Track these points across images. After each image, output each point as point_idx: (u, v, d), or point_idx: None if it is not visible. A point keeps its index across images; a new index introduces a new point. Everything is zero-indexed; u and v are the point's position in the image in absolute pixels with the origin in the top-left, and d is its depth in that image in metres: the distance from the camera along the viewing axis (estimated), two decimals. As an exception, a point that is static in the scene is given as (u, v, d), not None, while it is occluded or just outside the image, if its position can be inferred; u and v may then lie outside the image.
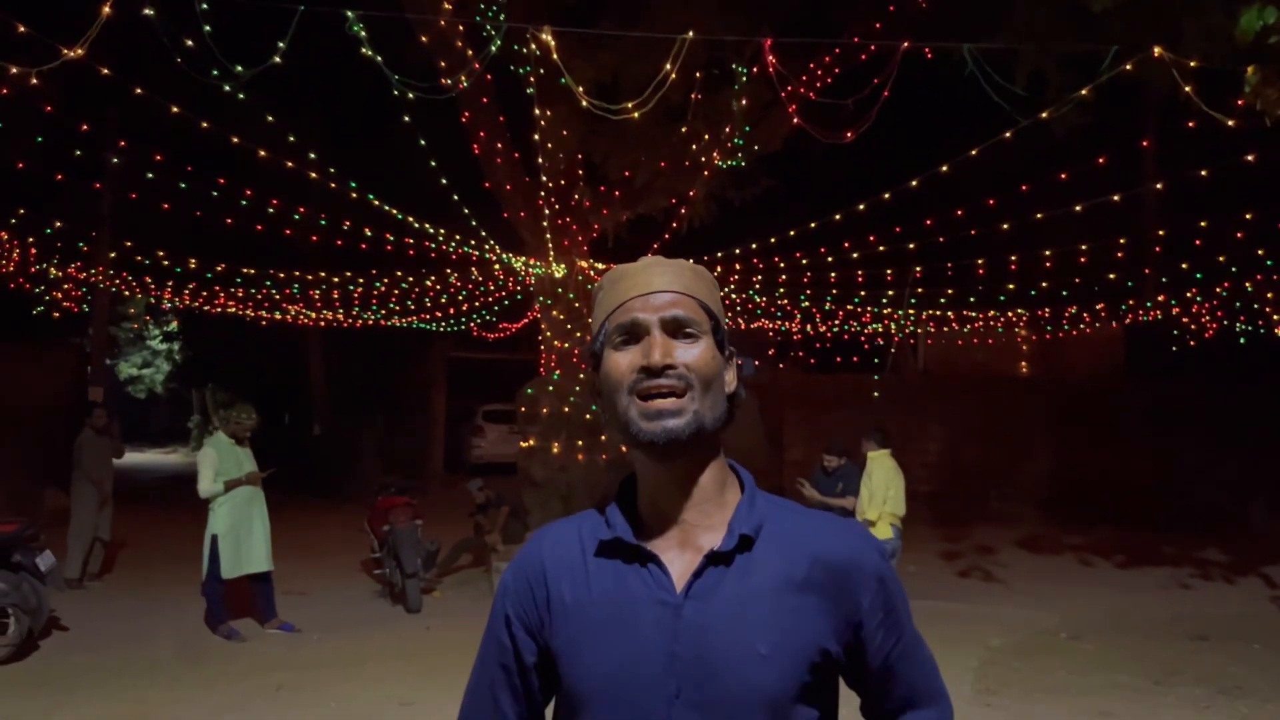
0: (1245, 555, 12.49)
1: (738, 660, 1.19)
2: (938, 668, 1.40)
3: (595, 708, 1.21)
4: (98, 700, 6.00)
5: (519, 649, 1.31)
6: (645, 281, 1.29)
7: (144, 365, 39.30)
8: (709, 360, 1.27)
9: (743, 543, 1.24)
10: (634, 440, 1.25)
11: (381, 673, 6.82)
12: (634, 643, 1.21)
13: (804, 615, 1.23)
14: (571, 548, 1.30)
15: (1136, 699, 6.50)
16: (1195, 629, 8.80)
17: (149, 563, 11.29)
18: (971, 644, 8.00)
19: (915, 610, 1.45)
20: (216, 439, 7.89)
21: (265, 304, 14.29)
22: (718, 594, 1.22)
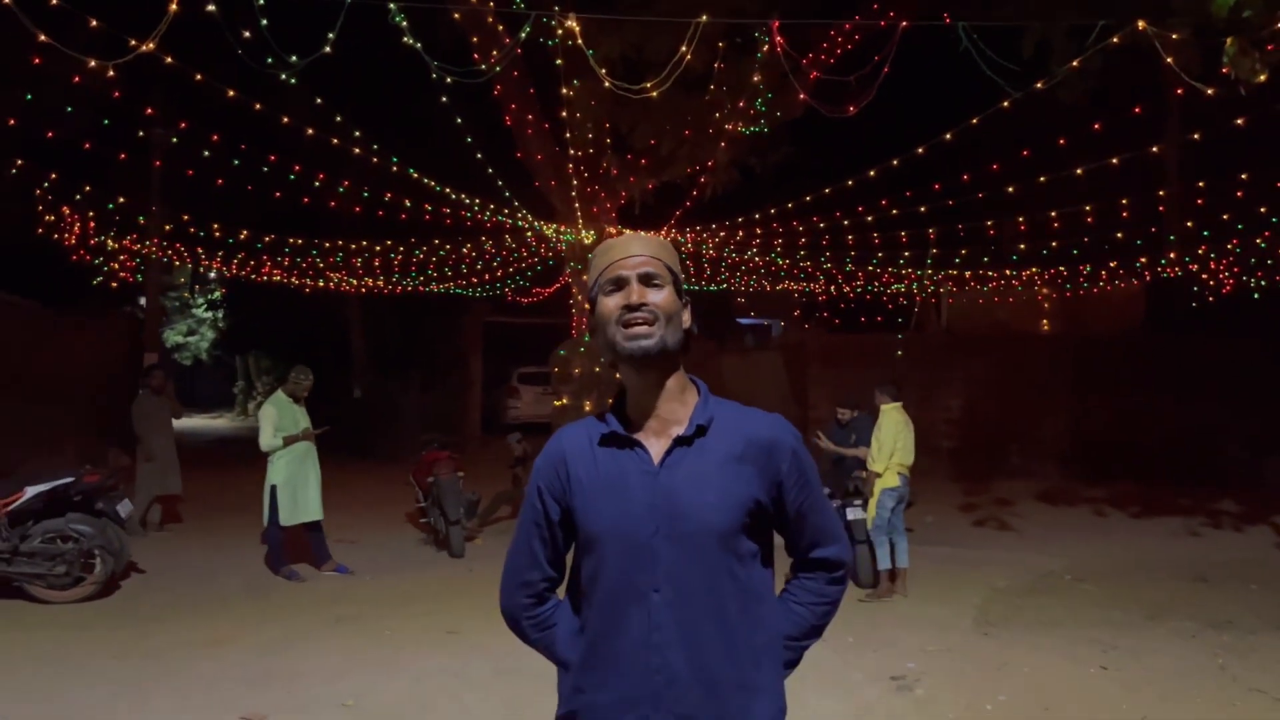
0: (1258, 506, 12.76)
1: (696, 507, 1.75)
2: (839, 521, 1.95)
3: (603, 543, 1.78)
4: (178, 629, 6.71)
5: (548, 510, 1.88)
6: (625, 248, 1.87)
7: (189, 333, 40.39)
8: (670, 301, 1.83)
9: (699, 430, 1.81)
10: (619, 356, 1.81)
11: (429, 607, 7.48)
12: (627, 500, 1.77)
13: (741, 477, 1.79)
14: (582, 441, 1.88)
15: (1128, 631, 6.92)
16: (1196, 572, 9.17)
17: (209, 515, 12.08)
18: (977, 584, 8.49)
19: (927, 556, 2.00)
20: (276, 397, 8.56)
21: (310, 272, 14.95)
22: (682, 465, 1.79)
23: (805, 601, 1.92)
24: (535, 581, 1.93)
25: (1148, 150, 9.06)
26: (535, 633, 1.95)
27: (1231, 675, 5.77)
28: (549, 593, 1.95)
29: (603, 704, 1.75)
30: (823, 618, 1.93)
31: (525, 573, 1.93)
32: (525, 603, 1.94)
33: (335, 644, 6.39)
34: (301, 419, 8.57)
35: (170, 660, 5.94)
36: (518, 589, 1.94)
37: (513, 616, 1.98)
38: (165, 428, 10.67)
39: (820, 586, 1.92)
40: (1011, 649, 6.36)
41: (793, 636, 1.88)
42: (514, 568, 1.96)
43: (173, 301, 35.62)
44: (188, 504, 12.31)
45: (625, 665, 1.73)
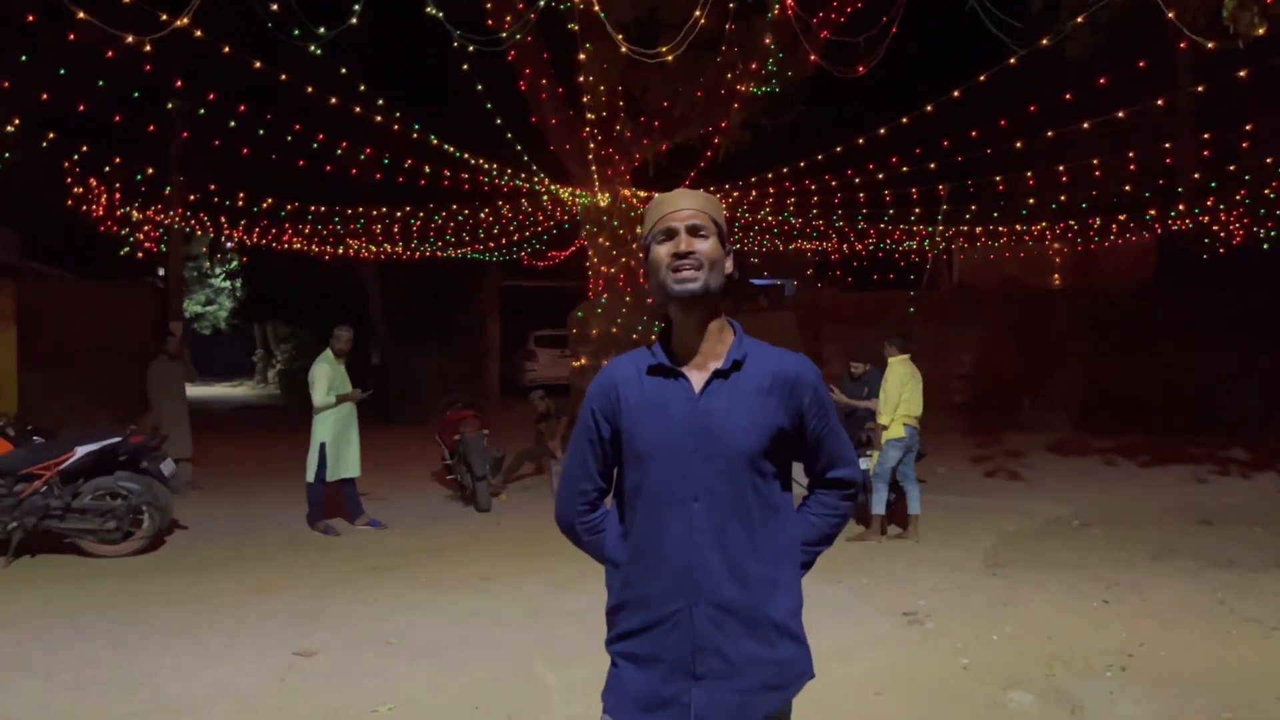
0: (1266, 454, 12.96)
1: (729, 431, 2.02)
2: (851, 446, 2.22)
3: (648, 459, 2.06)
4: (225, 578, 7.08)
5: (599, 429, 2.16)
6: (676, 203, 2.13)
7: (208, 303, 40.89)
8: (714, 250, 2.09)
9: (734, 365, 2.08)
10: (669, 297, 2.08)
11: (461, 557, 7.83)
12: (670, 422, 2.05)
13: (768, 407, 2.06)
14: (631, 371, 2.15)
15: (1131, 569, 7.19)
16: (1202, 516, 9.42)
17: (240, 476, 12.49)
18: (987, 530, 8.78)
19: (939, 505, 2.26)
20: (326, 355, 8.88)
21: (330, 239, 15.22)
22: (719, 394, 2.06)
23: (820, 514, 2.21)
24: (588, 491, 2.21)
25: (1156, 103, 9.17)
26: (587, 536, 2.24)
27: (1229, 608, 6.04)
28: (599, 501, 2.24)
29: (649, 595, 2.03)
30: (834, 528, 2.22)
31: (579, 483, 2.21)
32: (580, 510, 2.23)
33: (375, 590, 6.74)
34: (346, 379, 8.96)
35: (221, 605, 6.30)
36: (573, 498, 2.23)
37: (567, 522, 2.26)
38: (179, 393, 10.97)
39: (834, 502, 2.21)
40: (1018, 587, 6.65)
41: (809, 543, 2.17)
42: (569, 479, 2.24)
43: (191, 271, 36.01)
44: (218, 465, 12.72)
45: (669, 563, 2.00)
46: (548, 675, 4.88)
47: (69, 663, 5.08)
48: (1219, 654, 5.15)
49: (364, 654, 5.23)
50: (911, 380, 8.47)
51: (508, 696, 4.59)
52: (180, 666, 5.05)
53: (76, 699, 4.56)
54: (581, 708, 4.37)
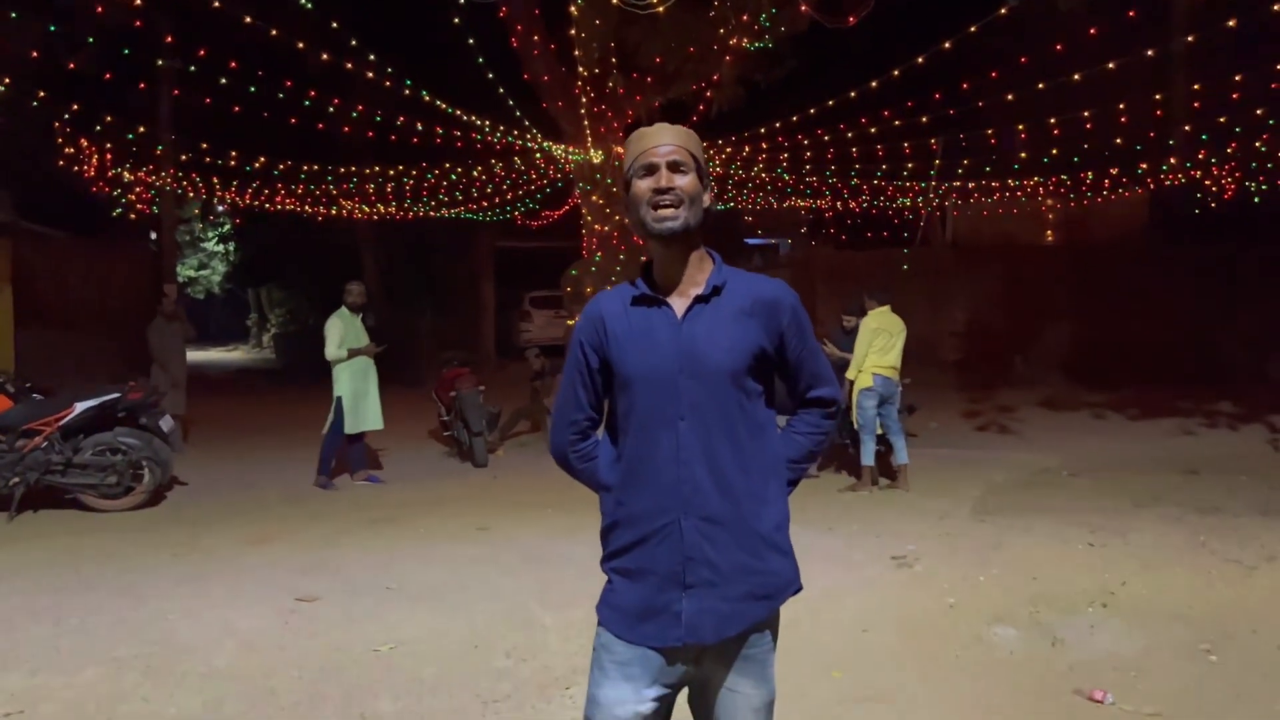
0: (1255, 406, 13.10)
1: (712, 350, 2.11)
2: (830, 366, 2.31)
3: (636, 383, 2.14)
4: (227, 530, 7.19)
5: (587, 359, 2.24)
6: (657, 137, 2.19)
7: (200, 267, 40.76)
8: (694, 185, 2.16)
9: (714, 291, 2.16)
10: (649, 233, 2.16)
11: (459, 509, 7.95)
12: (656, 346, 2.13)
13: (749, 328, 2.14)
14: (617, 303, 2.23)
15: (1116, 516, 7.29)
16: (1188, 466, 9.56)
17: (237, 436, 12.60)
18: (976, 480, 8.91)
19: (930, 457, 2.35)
20: (340, 311, 8.94)
21: (323, 200, 15.19)
22: (701, 318, 2.14)
23: (804, 431, 2.30)
24: (579, 420, 2.29)
25: (1147, 54, 9.17)
26: (580, 464, 2.32)
27: (1210, 550, 6.18)
28: (591, 430, 2.32)
29: (641, 511, 2.12)
30: (817, 445, 2.31)
31: (571, 413, 2.30)
32: (572, 439, 2.31)
33: (374, 540, 6.86)
34: (361, 333, 8.99)
35: (223, 556, 6.41)
36: (565, 428, 2.31)
37: (561, 452, 2.34)
38: (178, 352, 11.05)
39: (816, 420, 2.30)
40: (1005, 533, 6.79)
41: (793, 459, 2.26)
42: (561, 410, 2.33)
43: (183, 235, 35.85)
44: (215, 425, 12.82)
45: (658, 479, 2.10)
46: (545, 617, 5.00)
47: (77, 609, 5.19)
48: (1198, 591, 5.29)
49: (364, 599, 5.35)
50: (884, 333, 8.53)
51: (506, 636, 4.71)
52: (186, 611, 5.16)
53: (86, 641, 4.68)
54: (578, 645, 4.49)
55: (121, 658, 4.45)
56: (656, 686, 2.09)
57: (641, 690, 2.07)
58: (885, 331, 8.49)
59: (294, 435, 11.88)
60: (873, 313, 8.60)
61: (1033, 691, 3.96)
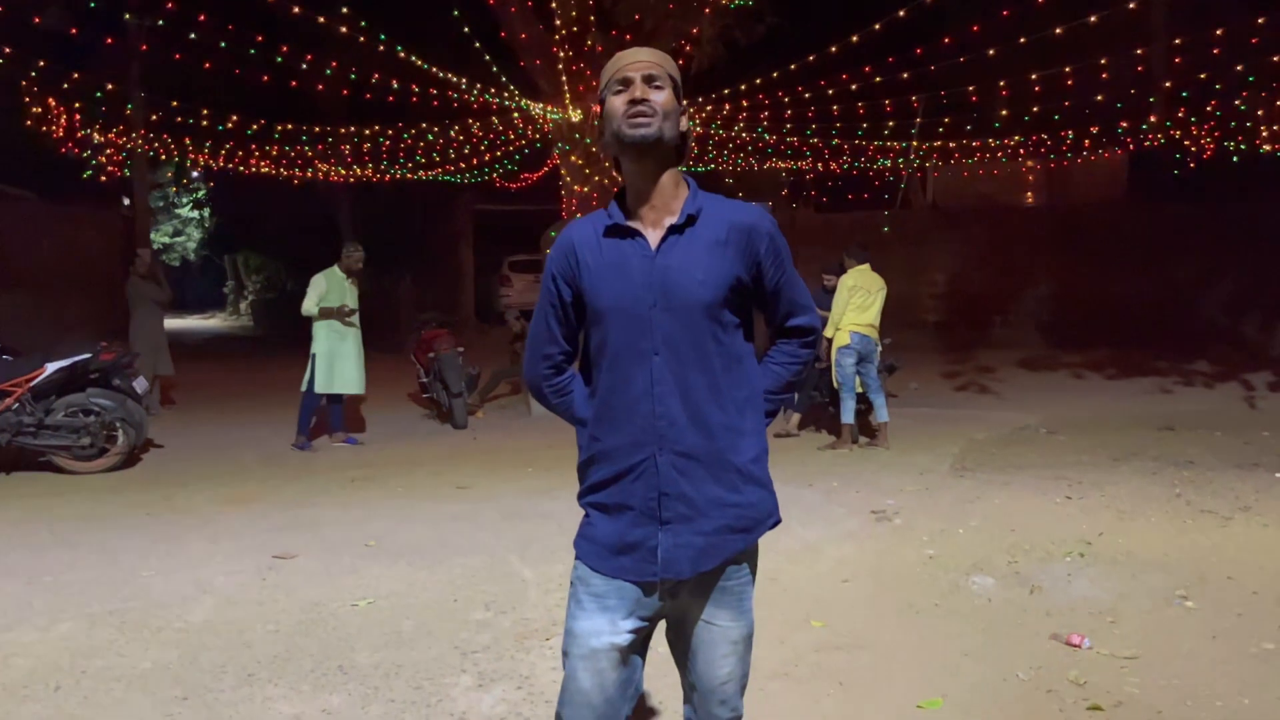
0: (1232, 366, 13.25)
1: (686, 283, 2.05)
2: (809, 294, 2.26)
3: (609, 317, 2.08)
4: (204, 491, 7.12)
5: (560, 292, 2.19)
6: (634, 55, 2.13)
7: (175, 234, 40.21)
8: (669, 99, 2.10)
9: (689, 220, 2.10)
10: (622, 144, 2.08)
11: (438, 468, 7.91)
12: (628, 279, 2.07)
13: (725, 258, 2.08)
14: (589, 232, 2.16)
15: (1094, 470, 7.38)
16: (1164, 422, 9.65)
17: (214, 400, 12.48)
18: (956, 438, 8.96)
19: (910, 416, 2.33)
20: (330, 270, 8.86)
21: (298, 162, 14.97)
22: (675, 249, 2.08)
23: (781, 361, 2.26)
24: (554, 354, 2.24)
25: (1129, 6, 9.10)
26: (555, 398, 2.28)
27: (1186, 500, 6.24)
28: (565, 364, 2.27)
29: (616, 446, 2.07)
30: (795, 375, 2.27)
31: (544, 347, 2.25)
32: (546, 373, 2.26)
33: (353, 498, 6.82)
34: (350, 296, 8.87)
35: (200, 515, 6.35)
36: (539, 361, 2.26)
37: (535, 385, 2.30)
38: (156, 310, 10.91)
39: (794, 349, 2.26)
40: (984, 487, 6.82)
41: (771, 390, 2.22)
42: (534, 343, 2.28)
43: (157, 201, 35.33)
44: (192, 390, 12.69)
45: (633, 414, 2.05)
46: (524, 570, 4.98)
47: (51, 566, 5.13)
48: (1174, 540, 5.33)
49: (343, 555, 5.32)
50: (861, 290, 8.51)
51: (485, 589, 4.69)
52: (162, 569, 5.11)
53: (59, 598, 4.62)
54: (558, 598, 4.47)
55: (95, 613, 4.40)
56: (633, 619, 2.06)
57: (618, 622, 2.05)
58: (863, 289, 8.47)
59: (272, 399, 11.78)
60: (851, 271, 8.58)
61: (1010, 637, 3.98)
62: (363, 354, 8.98)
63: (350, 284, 8.94)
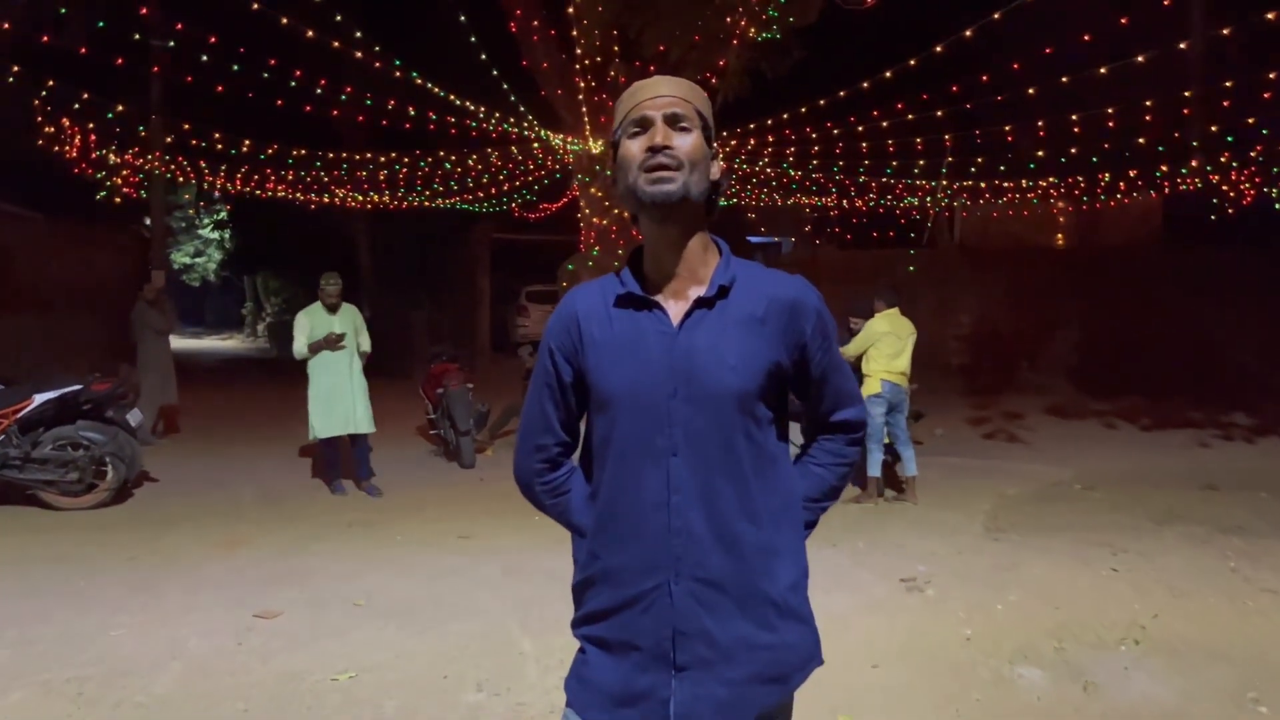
0: (1270, 418, 12.74)
1: (716, 368, 1.66)
2: (856, 382, 1.87)
3: (618, 405, 1.70)
4: (192, 533, 6.76)
5: (559, 372, 1.81)
6: (653, 88, 1.74)
7: (196, 254, 40.28)
8: (697, 146, 1.71)
9: (720, 291, 1.71)
10: (639, 203, 1.70)
11: (441, 514, 7.52)
12: (644, 360, 1.69)
13: (763, 338, 1.70)
14: (596, 301, 1.78)
15: (1136, 534, 6.91)
16: (1206, 480, 9.17)
17: (220, 429, 12.15)
18: (987, 492, 8.51)
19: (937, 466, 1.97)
20: (312, 306, 8.21)
21: (314, 187, 14.73)
22: (702, 326, 1.69)
23: (825, 463, 1.87)
24: (548, 445, 1.86)
25: (1171, 48, 8.73)
26: (549, 499, 1.89)
27: (1243, 577, 5.76)
28: (563, 457, 1.89)
29: (621, 567, 1.69)
30: (841, 479, 1.88)
31: (538, 436, 1.87)
32: (538, 467, 1.88)
33: (348, 547, 6.44)
34: (339, 328, 8.11)
35: (184, 561, 5.98)
36: (531, 453, 1.88)
37: (526, 481, 1.92)
38: (161, 338, 10.69)
39: (840, 448, 1.87)
40: (1021, 551, 6.37)
41: (812, 498, 1.83)
42: (527, 431, 1.90)
43: (179, 221, 35.40)
44: (199, 418, 12.39)
45: (644, 528, 1.67)
46: (524, 641, 4.58)
47: (17, 618, 4.78)
48: (1237, 626, 4.86)
49: (329, 614, 4.93)
50: (891, 335, 8.10)
51: (479, 664, 4.29)
52: (134, 625, 4.74)
53: (19, 659, 4.26)
54: (558, 678, 4.06)
55: (53, 681, 4.03)
56: None
57: None
58: (894, 335, 8.06)
59: (280, 429, 11.43)
60: (881, 315, 8.17)
61: (1064, 743, 3.54)
62: (365, 388, 8.25)
63: (342, 316, 8.17)
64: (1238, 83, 9.85)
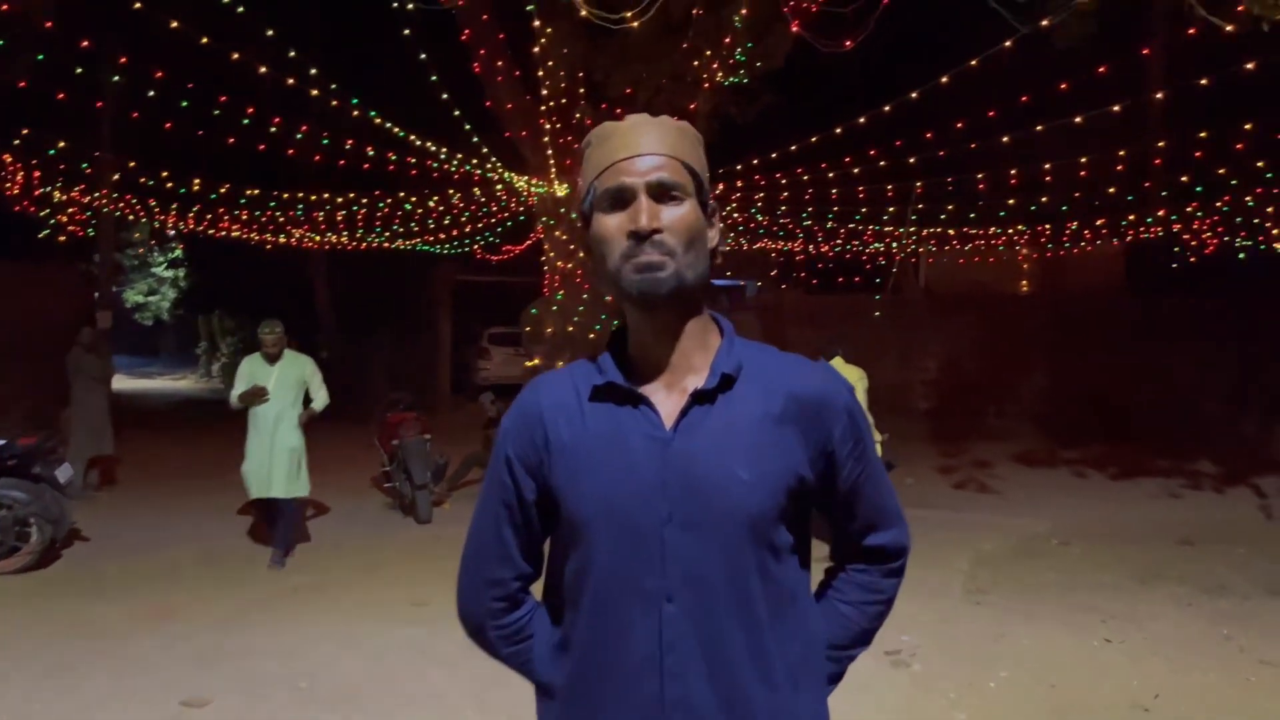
0: (1236, 466, 12.68)
1: (723, 485, 1.32)
2: (895, 492, 1.55)
3: (594, 532, 1.34)
4: (122, 602, 6.26)
5: (520, 487, 1.44)
6: (633, 143, 1.38)
7: (150, 292, 39.41)
8: (693, 222, 1.37)
9: (724, 382, 1.37)
10: (624, 294, 1.37)
11: (394, 577, 7.07)
12: (628, 473, 1.33)
13: (782, 445, 1.36)
14: (567, 394, 1.43)
15: (1121, 596, 6.70)
16: (1182, 534, 9.00)
17: (163, 479, 11.59)
18: (963, 548, 8.24)
19: (911, 519, 1.62)
20: (252, 355, 7.60)
21: (270, 227, 14.32)
22: (703, 428, 1.35)
23: (855, 600, 1.52)
24: (506, 580, 1.49)
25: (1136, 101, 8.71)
26: (505, 646, 1.53)
27: (1238, 646, 5.51)
28: (523, 594, 1.52)
29: None
30: (876, 619, 1.54)
31: (492, 568, 1.49)
32: (493, 607, 1.50)
33: (292, 617, 5.99)
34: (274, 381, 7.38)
35: (110, 637, 5.50)
36: (482, 589, 1.50)
37: (476, 625, 1.55)
38: (98, 386, 10.15)
39: (875, 580, 1.53)
40: (1007, 618, 6.09)
41: (838, 645, 1.49)
42: (476, 562, 1.52)
43: (131, 259, 34.62)
44: (141, 468, 11.83)
45: (628, 696, 1.32)
46: (481, 730, 4.18)
47: (-88, 711, 4.29)
48: (1241, 704, 4.59)
49: (266, 701, 4.49)
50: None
51: (432, 760, 3.89)
52: (48, 715, 4.27)
53: (-93, 762, 3.79)
54: (518, 776, 3.67)
55: (-55, 789, 3.57)
56: None
57: None
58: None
59: (227, 480, 10.77)
60: (834, 365, 7.97)
61: None
62: (293, 450, 7.38)
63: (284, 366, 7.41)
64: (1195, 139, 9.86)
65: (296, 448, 7.43)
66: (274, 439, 7.32)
